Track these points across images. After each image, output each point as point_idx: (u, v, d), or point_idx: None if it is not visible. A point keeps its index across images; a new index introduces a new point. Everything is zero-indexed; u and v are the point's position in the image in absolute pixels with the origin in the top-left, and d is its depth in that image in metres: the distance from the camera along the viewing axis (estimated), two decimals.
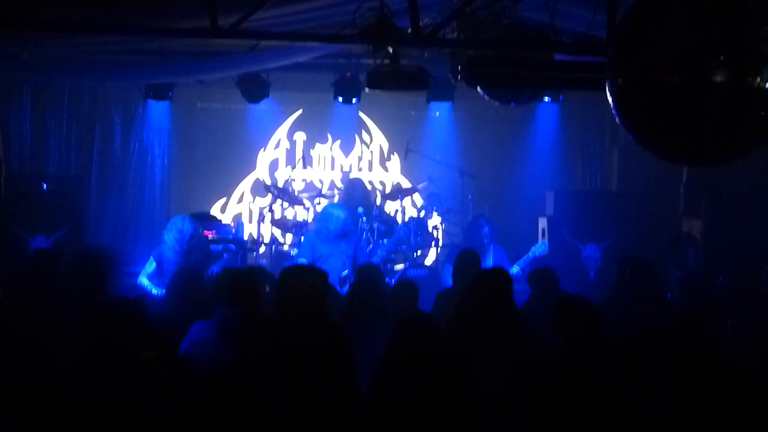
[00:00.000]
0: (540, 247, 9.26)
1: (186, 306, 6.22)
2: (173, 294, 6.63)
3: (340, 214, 8.92)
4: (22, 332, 4.74)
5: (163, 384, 4.13)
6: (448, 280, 8.08)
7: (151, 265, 8.52)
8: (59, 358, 4.41)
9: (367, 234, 9.43)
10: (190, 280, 6.69)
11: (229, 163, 11.81)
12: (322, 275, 5.25)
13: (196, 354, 5.31)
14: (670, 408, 4.40)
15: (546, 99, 10.86)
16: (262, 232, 10.86)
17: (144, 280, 8.45)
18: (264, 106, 11.24)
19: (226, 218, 11.60)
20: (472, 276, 6.98)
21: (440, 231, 10.68)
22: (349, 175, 11.91)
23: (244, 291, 5.56)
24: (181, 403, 3.97)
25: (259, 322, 5.28)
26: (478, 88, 7.93)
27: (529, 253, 9.20)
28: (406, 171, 12.07)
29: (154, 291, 8.19)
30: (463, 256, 7.37)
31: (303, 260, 8.89)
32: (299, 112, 11.98)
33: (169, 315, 6.12)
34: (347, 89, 10.82)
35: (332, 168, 12.13)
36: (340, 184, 11.75)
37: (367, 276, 6.86)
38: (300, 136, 12.05)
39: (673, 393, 4.48)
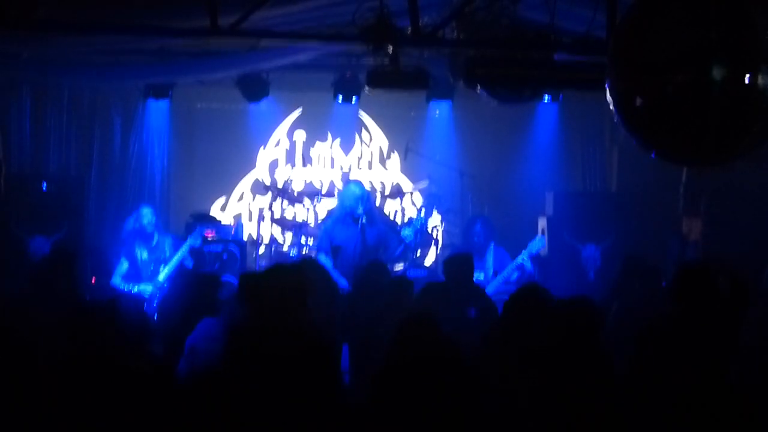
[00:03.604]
0: (537, 243, 9.25)
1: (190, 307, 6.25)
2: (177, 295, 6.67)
3: (356, 189, 8.96)
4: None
5: (137, 390, 4.09)
6: None
7: (123, 265, 8.63)
8: (37, 364, 4.36)
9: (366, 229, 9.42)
10: (196, 283, 6.72)
11: (228, 162, 11.80)
12: (302, 276, 5.19)
13: (200, 348, 5.34)
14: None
15: (546, 99, 10.85)
16: (261, 231, 10.86)
17: (117, 280, 8.55)
18: (264, 105, 11.23)
19: (226, 217, 11.60)
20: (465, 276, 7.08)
21: (440, 231, 10.68)
22: (348, 175, 11.91)
23: (251, 290, 5.57)
24: (157, 409, 3.93)
25: (237, 326, 5.25)
26: (478, 88, 7.93)
27: (526, 250, 9.20)
28: (405, 170, 12.06)
29: (128, 289, 8.34)
30: (453, 260, 7.40)
31: (322, 255, 8.94)
32: (299, 111, 11.97)
33: (146, 316, 6.15)
34: (347, 89, 10.81)
35: (332, 167, 12.13)
36: (339, 184, 11.75)
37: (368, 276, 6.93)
38: (300, 136, 12.05)
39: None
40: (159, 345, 5.62)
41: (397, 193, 10.94)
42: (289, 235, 10.94)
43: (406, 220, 10.53)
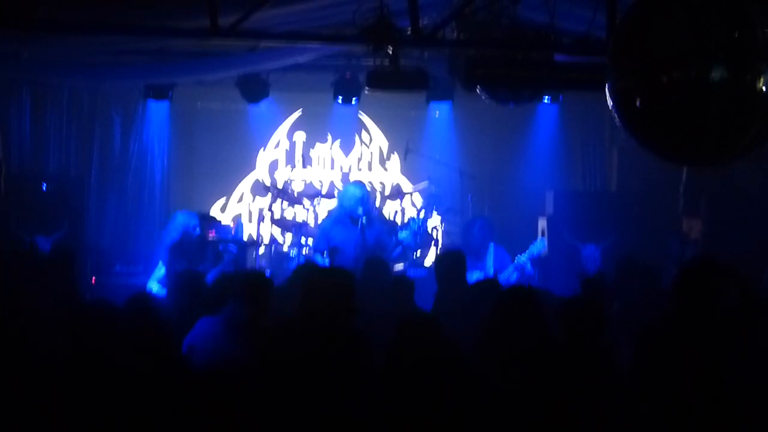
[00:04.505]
0: (538, 245, 9.25)
1: (187, 306, 6.23)
2: (174, 295, 6.65)
3: (356, 190, 8.93)
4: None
5: (154, 388, 4.09)
6: None
7: (160, 270, 8.53)
8: (37, 363, 4.34)
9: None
10: (191, 281, 6.70)
11: (228, 163, 11.80)
12: (350, 278, 5.17)
13: (200, 347, 5.34)
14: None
15: (546, 99, 10.85)
16: (261, 232, 10.85)
17: (154, 285, 8.46)
18: (264, 106, 11.23)
19: (226, 218, 11.59)
20: (460, 281, 7.07)
21: (440, 231, 10.68)
22: (348, 176, 11.90)
23: (253, 288, 5.59)
24: (175, 406, 3.94)
25: (281, 322, 5.26)
26: (478, 89, 7.93)
27: (527, 252, 9.19)
28: (405, 171, 12.06)
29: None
30: (444, 258, 7.38)
31: (319, 256, 8.91)
32: (299, 112, 11.97)
33: (169, 316, 6.12)
34: (347, 89, 10.81)
35: (332, 168, 12.13)
36: (339, 185, 11.75)
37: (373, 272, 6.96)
38: (300, 137, 12.05)
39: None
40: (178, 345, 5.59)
41: (397, 193, 10.94)
42: (289, 236, 10.94)
43: (406, 220, 10.52)
